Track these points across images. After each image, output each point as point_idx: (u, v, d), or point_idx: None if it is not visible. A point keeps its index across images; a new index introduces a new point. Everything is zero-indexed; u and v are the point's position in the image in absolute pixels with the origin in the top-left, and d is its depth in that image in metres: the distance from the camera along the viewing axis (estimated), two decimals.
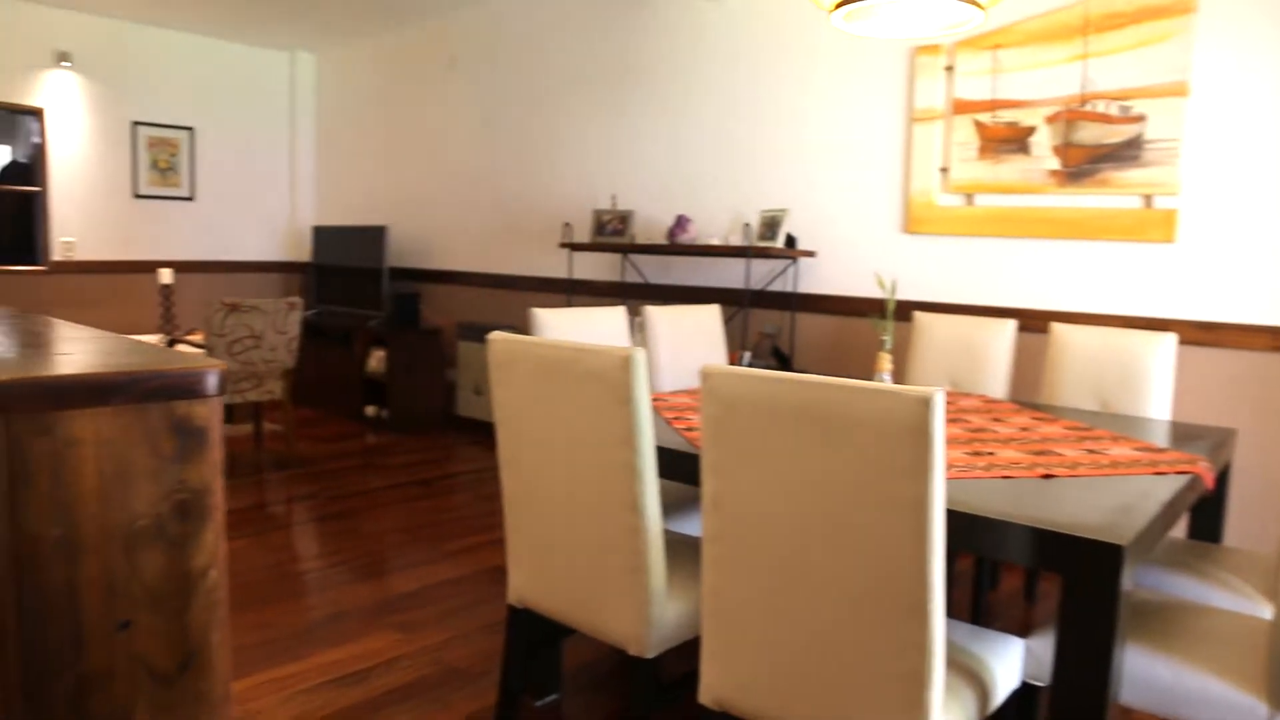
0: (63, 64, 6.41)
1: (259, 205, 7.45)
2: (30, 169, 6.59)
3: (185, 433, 0.91)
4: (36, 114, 6.36)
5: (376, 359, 6.18)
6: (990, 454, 2.09)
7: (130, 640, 0.90)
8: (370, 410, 6.27)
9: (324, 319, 6.75)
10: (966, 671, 1.68)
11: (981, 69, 3.80)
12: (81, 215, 6.57)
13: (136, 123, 6.75)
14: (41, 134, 6.40)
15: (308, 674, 2.70)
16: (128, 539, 0.89)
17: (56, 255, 6.44)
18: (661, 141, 5.04)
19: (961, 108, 3.87)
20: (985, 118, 3.79)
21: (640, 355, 1.78)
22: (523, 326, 5.59)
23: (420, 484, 4.89)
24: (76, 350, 0.98)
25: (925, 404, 1.36)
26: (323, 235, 7.05)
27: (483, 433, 6.00)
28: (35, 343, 1.08)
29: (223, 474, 0.95)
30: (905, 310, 3.93)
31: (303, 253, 7.57)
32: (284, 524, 4.16)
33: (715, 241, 4.60)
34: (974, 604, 3.21)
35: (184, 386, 0.89)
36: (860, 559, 1.46)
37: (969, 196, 3.88)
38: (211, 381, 0.91)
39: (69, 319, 1.53)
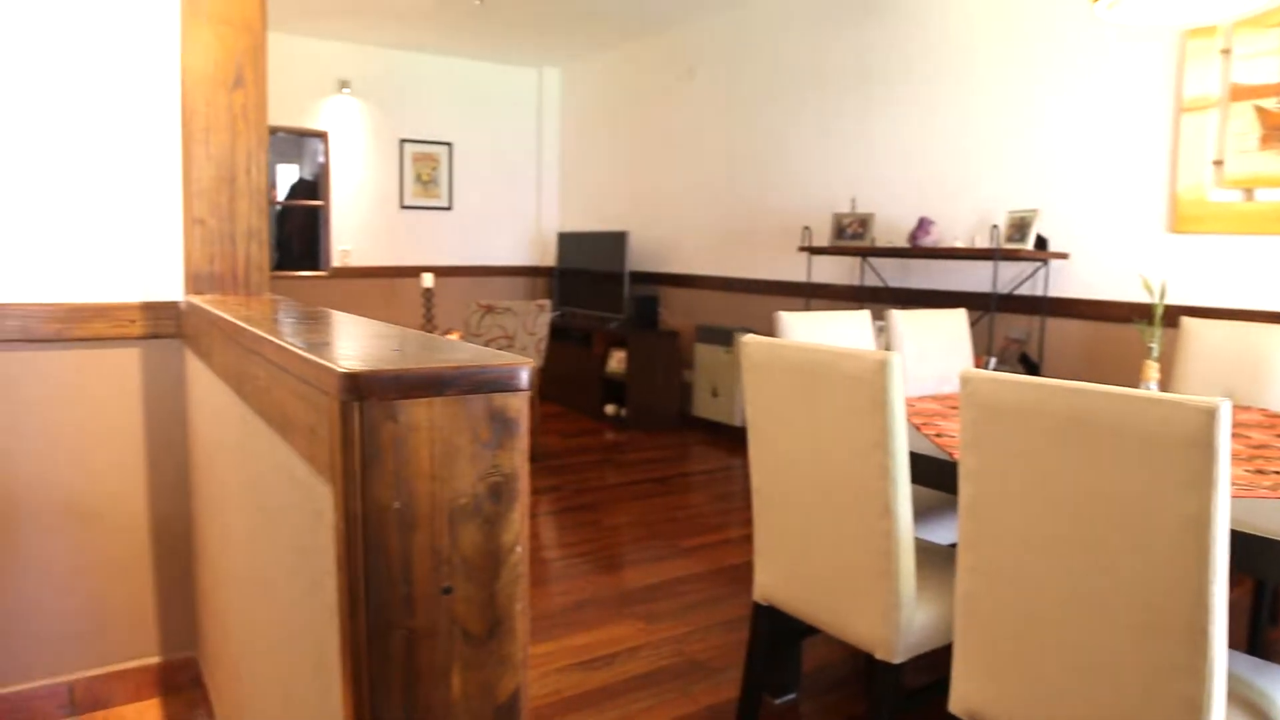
0: (343, 90, 7.12)
1: (509, 213, 7.94)
2: (315, 185, 7.37)
3: (500, 422, 1.01)
4: (321, 136, 7.10)
5: (616, 359, 6.43)
6: (1277, 472, 1.91)
7: (450, 604, 1.02)
8: (610, 408, 6.54)
9: (567, 320, 7.10)
10: (1249, 706, 1.55)
11: (1265, 49, 3.45)
12: (356, 225, 7.26)
13: (404, 140, 7.39)
14: (325, 154, 7.14)
15: (558, 655, 2.87)
16: (451, 514, 1.00)
17: (336, 262, 7.16)
18: (902, 142, 4.93)
19: (1240, 94, 3.53)
20: (1270, 103, 3.44)
21: (896, 360, 1.78)
22: (761, 329, 5.64)
23: (656, 481, 5.04)
24: (404, 347, 1.12)
25: (1209, 415, 1.27)
26: (567, 241, 7.42)
27: (718, 433, 6.10)
28: (363, 338, 1.24)
29: (528, 461, 1.05)
30: (1170, 315, 3.64)
31: (548, 257, 7.99)
32: (531, 513, 4.42)
33: (959, 244, 4.45)
34: (1250, 637, 2.93)
35: (502, 380, 1.00)
36: (1131, 576, 1.39)
37: (1248, 191, 3.54)
38: (524, 377, 1.01)
39: None
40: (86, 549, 2.51)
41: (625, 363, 6.28)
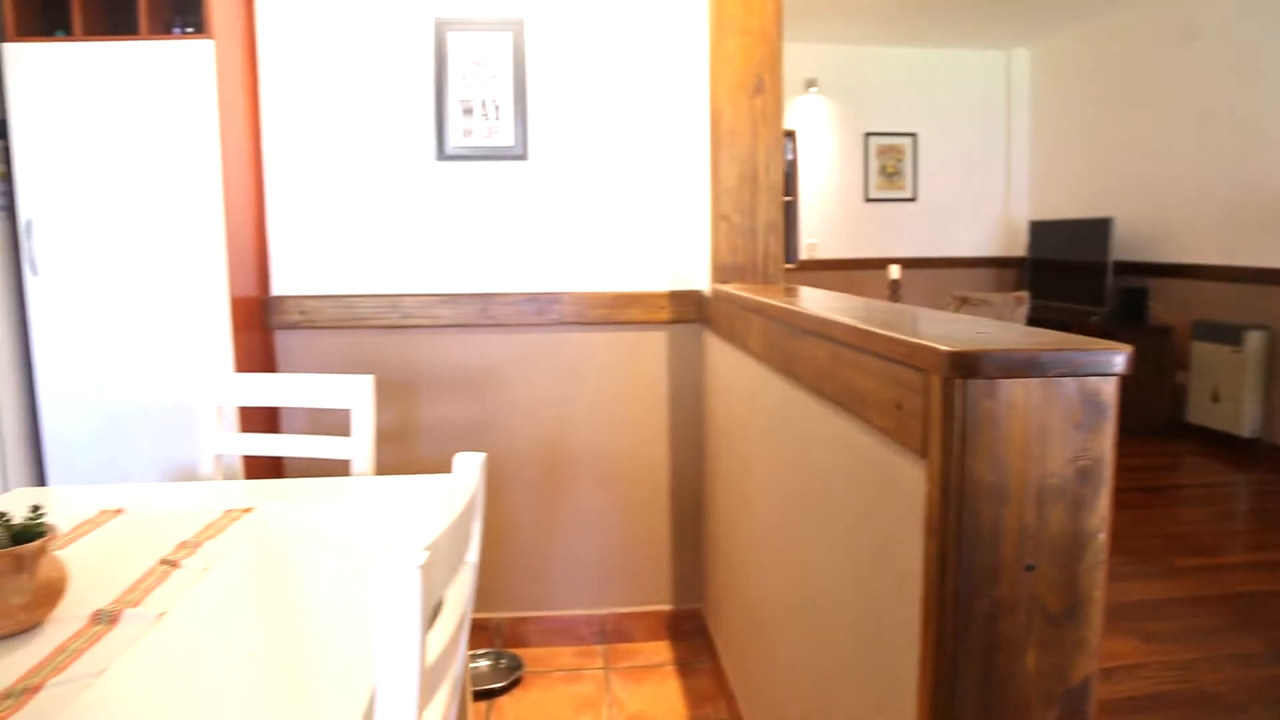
0: (810, 89, 7.37)
1: (975, 202, 7.67)
2: (784, 181, 7.71)
3: (1093, 406, 1.02)
4: (791, 135, 7.41)
5: None
6: None
7: (1032, 581, 1.05)
8: None
9: (1041, 313, 6.71)
10: None
11: None
12: (822, 219, 7.48)
13: (868, 134, 7.46)
14: (794, 151, 7.44)
15: None
16: (1039, 493, 1.03)
17: (803, 255, 7.44)
18: None
19: None
20: None
21: None
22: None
23: (1144, 491, 4.60)
24: (983, 329, 1.17)
25: None
26: (1040, 229, 7.00)
27: (1217, 443, 5.39)
28: (936, 321, 1.31)
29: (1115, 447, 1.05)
30: None
31: (1016, 247, 7.60)
32: None
33: None
34: None
35: (1098, 365, 1.01)
36: None
37: None
38: (1119, 362, 1.01)
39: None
40: (619, 506, 2.91)
41: None
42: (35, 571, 1.18)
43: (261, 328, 2.73)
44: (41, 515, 1.22)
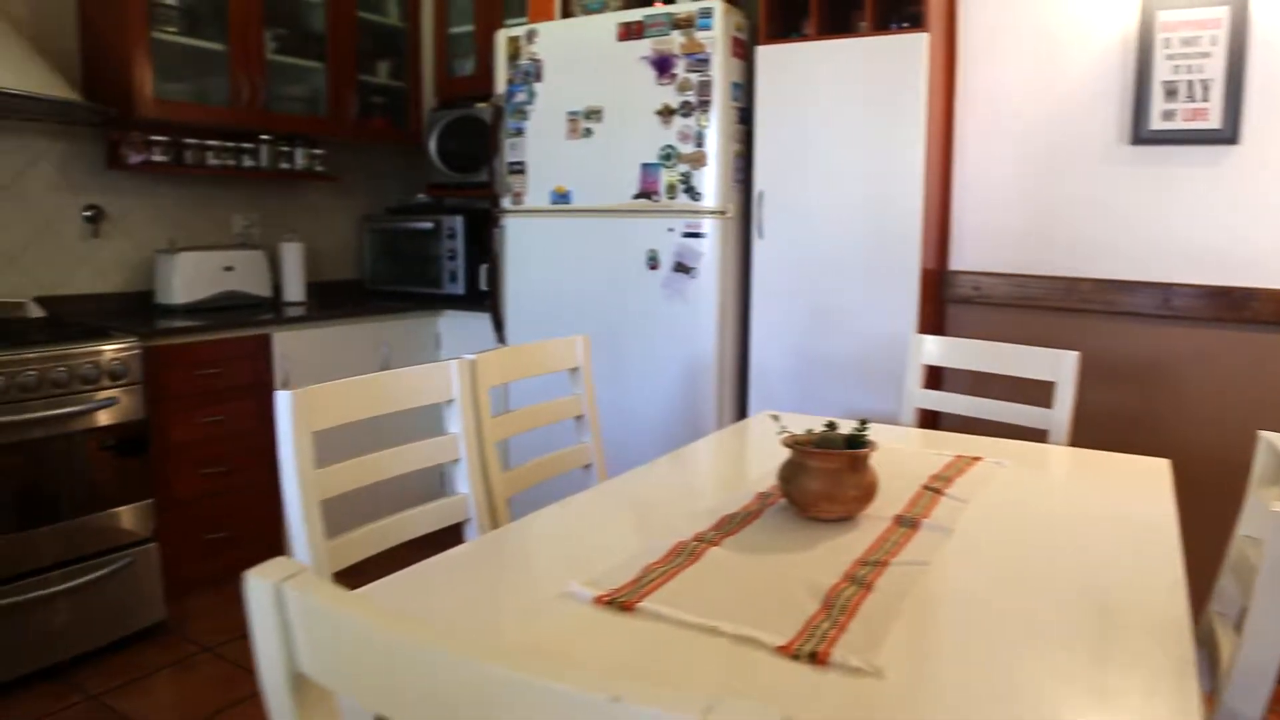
0: None
1: None
2: None
3: None
4: None
5: None
6: None
7: None
8: None
9: None
10: None
11: None
12: None
13: None
14: None
15: None
16: None
17: None
18: None
19: None
20: None
21: None
22: None
23: None
24: None
25: None
26: None
27: None
28: None
29: None
30: None
31: None
32: None
33: None
34: None
35: None
36: None
37: None
38: None
39: None
40: None
41: None
42: (864, 473, 1.47)
43: (935, 299, 2.95)
44: (866, 429, 1.51)
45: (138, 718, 2.41)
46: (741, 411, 3.10)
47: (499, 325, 3.46)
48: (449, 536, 1.59)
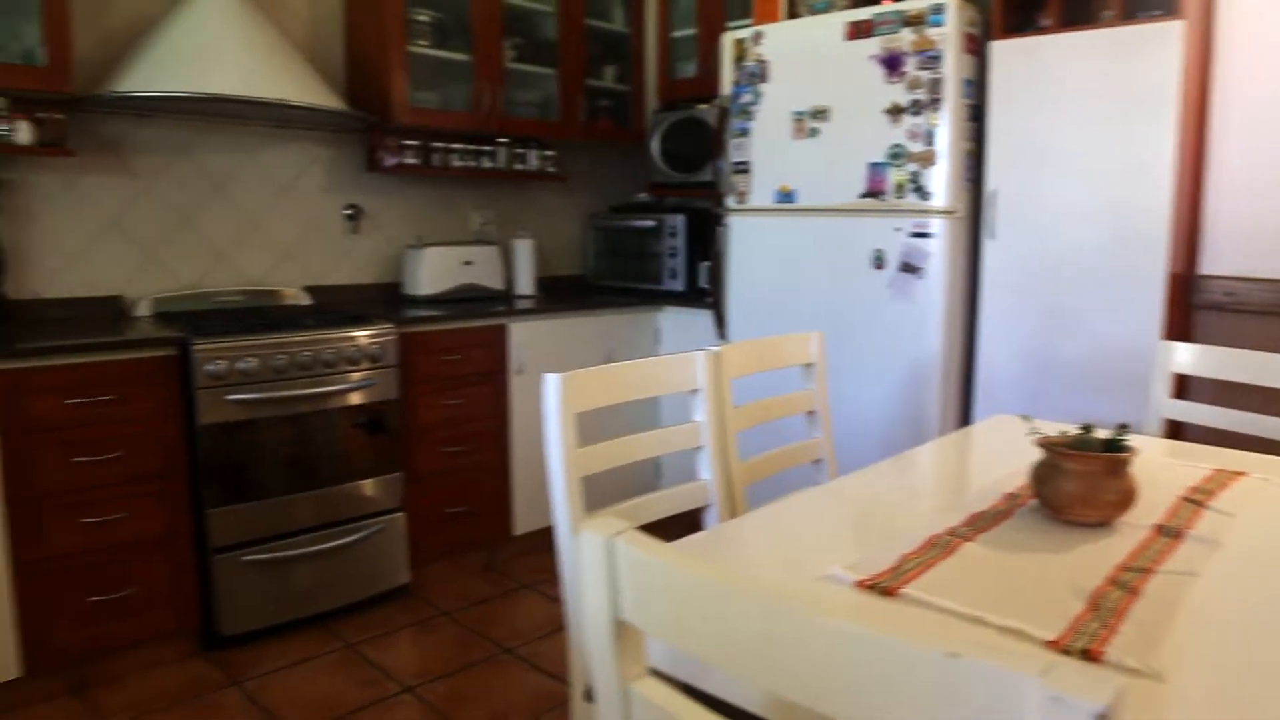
0: None
1: None
2: None
3: None
4: None
5: None
6: None
7: None
8: None
9: None
10: None
11: None
12: None
13: None
14: None
15: None
16: None
17: None
18: None
19: None
20: None
21: None
22: None
23: None
24: None
25: None
26: None
27: None
28: None
29: None
30: None
31: None
32: None
33: None
34: None
35: None
36: None
37: None
38: None
39: None
40: None
41: None
42: (1123, 478, 1.43)
43: (1182, 305, 2.78)
44: (1126, 433, 1.47)
45: (388, 666, 2.65)
46: (966, 415, 3.03)
47: (720, 322, 3.54)
48: (677, 524, 1.65)
